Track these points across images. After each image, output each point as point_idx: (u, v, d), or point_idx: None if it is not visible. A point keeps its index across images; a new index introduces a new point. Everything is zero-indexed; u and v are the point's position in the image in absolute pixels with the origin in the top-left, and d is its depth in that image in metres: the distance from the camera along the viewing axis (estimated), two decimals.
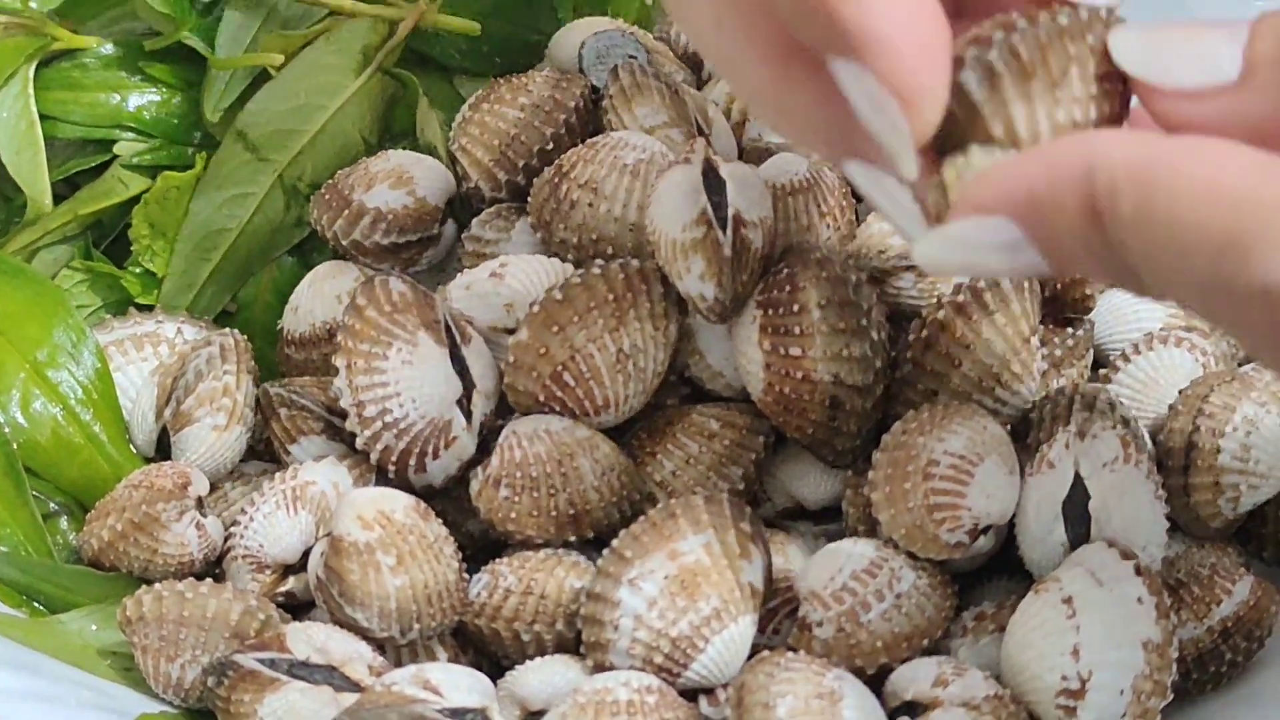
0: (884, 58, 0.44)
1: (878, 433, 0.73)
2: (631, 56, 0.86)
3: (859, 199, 0.81)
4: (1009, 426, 0.74)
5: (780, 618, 0.71)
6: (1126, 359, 0.79)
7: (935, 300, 0.74)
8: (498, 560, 0.74)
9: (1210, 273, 0.41)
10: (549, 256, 0.79)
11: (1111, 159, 0.42)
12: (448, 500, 0.76)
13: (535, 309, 0.73)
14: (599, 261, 0.74)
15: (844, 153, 0.50)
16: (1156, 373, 0.77)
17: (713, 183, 0.73)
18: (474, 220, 0.83)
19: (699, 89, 0.88)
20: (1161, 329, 0.79)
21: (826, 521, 0.76)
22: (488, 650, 0.73)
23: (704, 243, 0.71)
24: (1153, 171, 0.41)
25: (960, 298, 0.73)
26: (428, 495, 0.75)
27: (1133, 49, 0.46)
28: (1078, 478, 0.69)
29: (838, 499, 0.75)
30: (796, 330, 0.72)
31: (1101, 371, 0.79)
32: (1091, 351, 0.79)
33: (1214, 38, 0.44)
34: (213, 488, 0.78)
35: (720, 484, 0.75)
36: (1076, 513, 0.69)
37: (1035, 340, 0.74)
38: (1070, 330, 0.78)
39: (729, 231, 0.72)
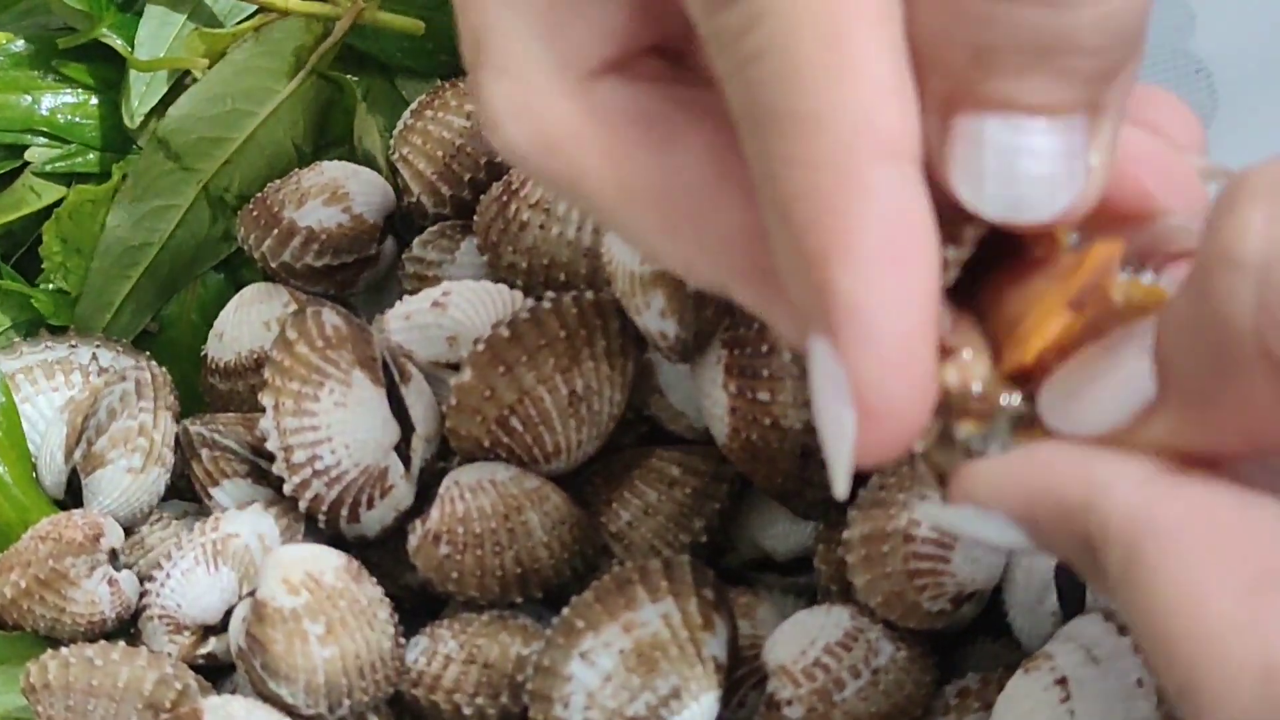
0: (861, 353, 0.36)
1: (852, 481, 0.67)
2: None
3: None
4: None
5: (747, 688, 0.66)
6: None
7: None
8: (438, 622, 0.68)
9: (1174, 693, 0.34)
10: (497, 281, 0.72)
11: (1109, 505, 0.35)
12: (384, 550, 0.70)
13: (480, 347, 0.67)
14: (550, 294, 0.68)
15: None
16: None
17: None
18: (415, 240, 0.76)
19: None
20: None
21: (796, 574, 0.71)
22: None
23: (664, 276, 0.65)
24: (1142, 544, 0.34)
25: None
26: (362, 545, 0.69)
27: (1052, 408, 0.38)
28: None
29: (808, 550, 0.70)
30: (765, 373, 0.66)
31: None
32: None
33: (1119, 366, 0.37)
34: (128, 533, 0.72)
35: (681, 536, 0.69)
36: (1069, 580, 0.64)
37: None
38: None
39: None
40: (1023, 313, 0.39)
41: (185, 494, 0.74)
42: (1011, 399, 0.39)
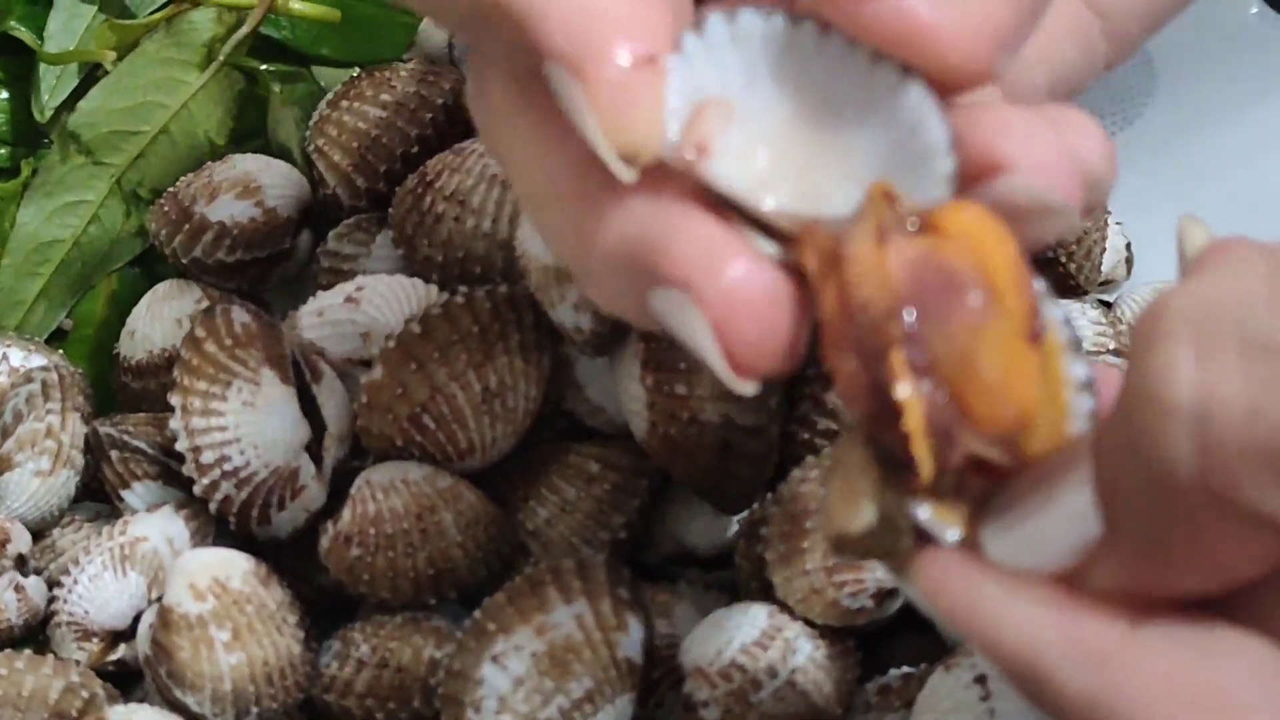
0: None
1: (774, 474, 0.66)
2: None
3: None
4: None
5: (665, 689, 0.64)
6: None
7: None
8: (350, 625, 0.66)
9: None
10: (413, 276, 0.71)
11: (1067, 680, 0.35)
12: (298, 552, 0.68)
13: (391, 344, 0.66)
14: (463, 289, 0.67)
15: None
16: None
17: None
18: (330, 233, 0.75)
19: None
20: (1091, 349, 0.72)
21: (719, 569, 0.69)
22: None
23: None
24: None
25: None
26: (275, 547, 0.67)
27: (995, 540, 0.37)
28: None
29: (731, 546, 0.68)
30: (682, 366, 0.64)
31: None
32: None
33: (1059, 502, 0.36)
34: (38, 536, 0.70)
35: (600, 533, 0.67)
36: None
37: None
38: None
39: None
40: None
41: (99, 495, 0.72)
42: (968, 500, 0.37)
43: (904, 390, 0.35)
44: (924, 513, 0.37)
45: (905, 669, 0.64)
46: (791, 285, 0.38)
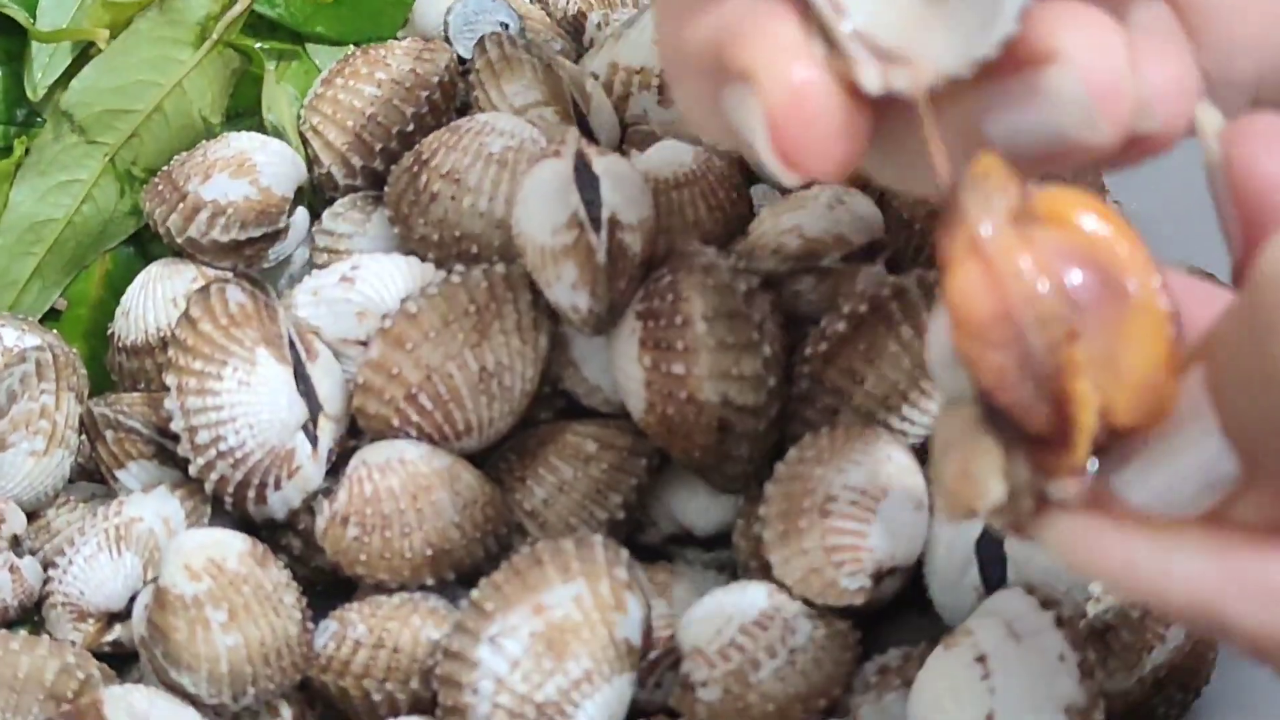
0: None
1: (774, 453, 0.66)
2: (502, 24, 0.78)
3: (753, 184, 0.73)
4: (919, 445, 0.67)
5: (663, 670, 0.64)
6: None
7: (836, 310, 0.66)
8: (347, 605, 0.66)
9: None
10: (408, 254, 0.70)
11: (1247, 629, 0.35)
12: (295, 532, 0.68)
13: (387, 323, 0.65)
14: (459, 267, 0.66)
15: None
16: None
17: (585, 179, 0.65)
18: (325, 212, 0.74)
19: (578, 59, 0.79)
20: None
21: (719, 548, 0.69)
22: (337, 707, 0.65)
23: (575, 248, 0.64)
24: None
25: (863, 308, 0.65)
26: (272, 528, 0.67)
27: (1130, 485, 0.37)
28: None
29: (730, 525, 0.68)
30: (680, 345, 0.64)
31: None
32: None
33: (1190, 447, 0.36)
34: (33, 516, 0.70)
35: (598, 513, 0.67)
36: (992, 553, 0.62)
37: None
38: None
39: (603, 235, 0.64)
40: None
41: (95, 475, 0.72)
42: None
43: (1083, 390, 0.36)
44: (1059, 489, 0.37)
45: (905, 648, 0.64)
46: (850, 105, 0.40)
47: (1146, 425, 0.37)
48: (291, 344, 0.66)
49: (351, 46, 0.78)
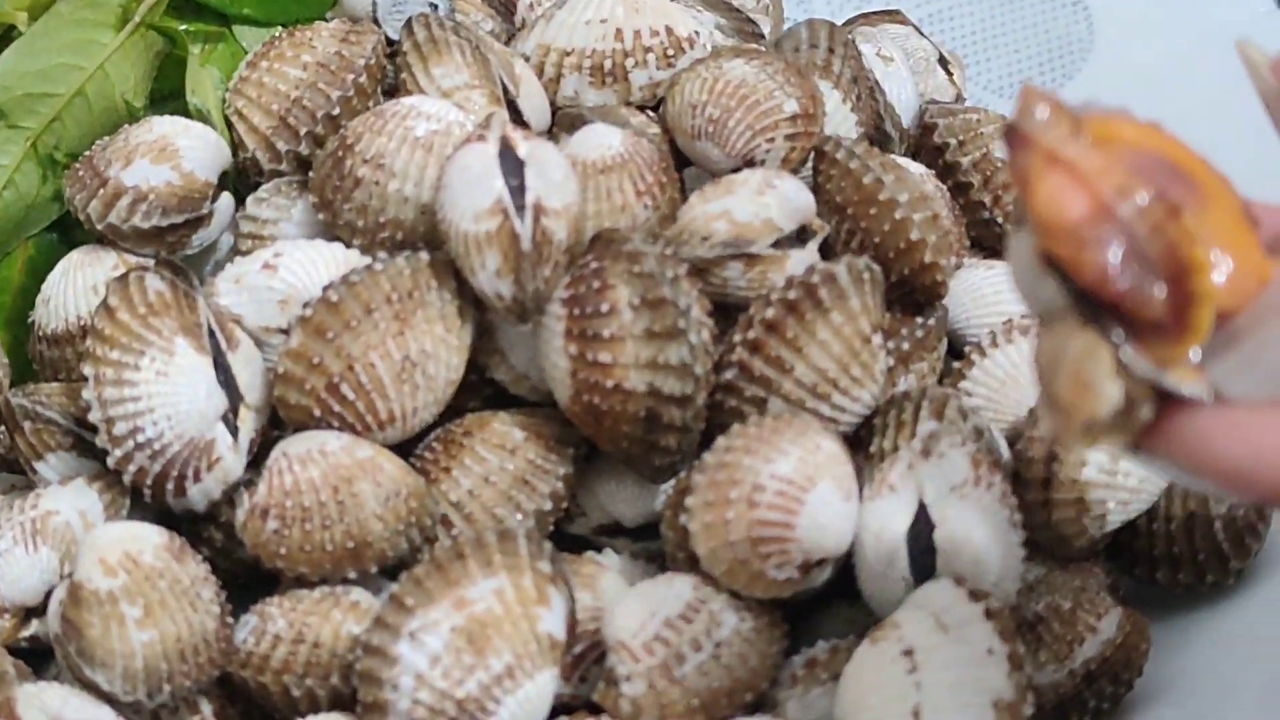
0: None
1: (704, 442, 0.64)
2: (432, 5, 0.76)
3: (685, 168, 0.72)
4: (851, 433, 0.66)
5: (588, 664, 0.63)
6: (983, 352, 0.70)
7: (765, 296, 0.65)
8: (268, 600, 0.65)
9: None
10: (333, 240, 0.69)
11: None
12: (216, 525, 0.67)
13: (307, 312, 0.64)
14: (382, 255, 0.65)
15: None
16: (1016, 369, 0.69)
17: (510, 164, 0.63)
18: (249, 197, 0.73)
19: (510, 40, 0.77)
20: (1024, 315, 0.70)
21: (649, 538, 0.68)
22: (258, 703, 0.64)
23: (499, 235, 0.63)
24: None
25: (792, 294, 0.64)
26: (194, 520, 0.66)
27: (1232, 378, 0.37)
28: (922, 504, 0.61)
29: (660, 515, 0.67)
30: (606, 334, 0.63)
31: (956, 365, 0.71)
32: (945, 341, 0.71)
33: None
34: None
35: (524, 503, 0.66)
36: (921, 544, 0.61)
37: (878, 339, 0.65)
38: (920, 319, 0.70)
39: (527, 222, 0.63)
40: None
41: (14, 467, 0.71)
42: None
43: (1201, 255, 0.36)
44: (1171, 378, 0.36)
45: (834, 641, 0.63)
46: None
47: (1242, 308, 0.37)
48: (212, 333, 0.65)
49: (280, 28, 0.76)
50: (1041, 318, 0.38)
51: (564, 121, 0.73)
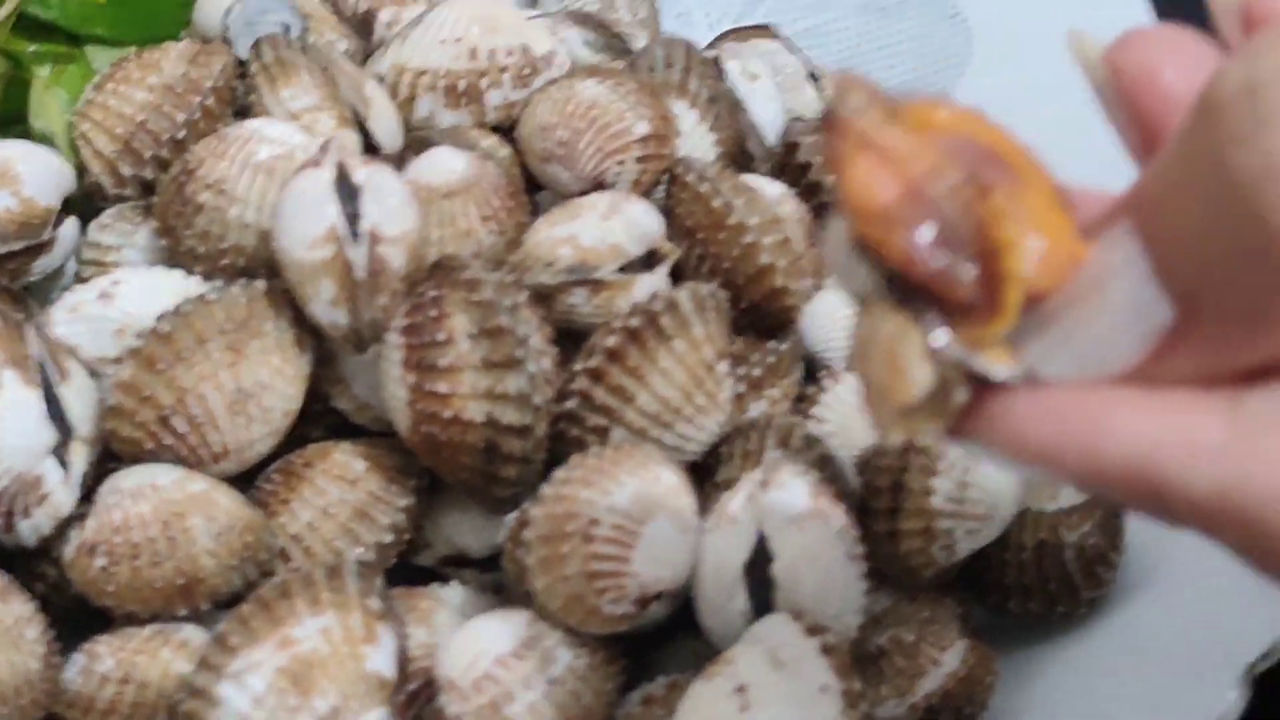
0: None
1: (546, 472, 0.63)
2: (284, 24, 0.75)
3: (538, 191, 0.71)
4: (700, 461, 0.65)
5: (422, 701, 0.62)
6: (835, 378, 0.69)
7: (607, 324, 0.63)
8: (97, 638, 0.63)
9: None
10: (175, 268, 0.68)
11: (1188, 486, 0.33)
12: (48, 561, 0.65)
13: (139, 343, 0.63)
14: (216, 283, 0.64)
15: None
16: None
17: (346, 190, 0.62)
18: (92, 223, 0.71)
19: (367, 59, 0.76)
20: None
21: (496, 569, 0.66)
22: None
23: (333, 263, 0.61)
24: (1258, 508, 0.33)
25: (633, 322, 0.63)
26: (26, 556, 0.65)
27: (1048, 358, 0.36)
28: (762, 536, 0.60)
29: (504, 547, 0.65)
30: (443, 364, 0.62)
31: (810, 390, 0.70)
32: (800, 366, 0.70)
33: (1116, 297, 0.35)
34: None
35: (364, 536, 0.65)
36: (760, 577, 0.60)
37: (723, 366, 0.64)
38: (773, 344, 0.69)
39: (363, 249, 0.61)
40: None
41: None
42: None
43: (1010, 234, 0.35)
44: (982, 360, 0.36)
45: (672, 676, 0.62)
46: None
47: (1055, 290, 0.36)
48: (43, 364, 0.63)
49: (132, 50, 0.75)
50: (858, 303, 0.37)
51: (413, 144, 0.72)
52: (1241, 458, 0.33)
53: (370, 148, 0.70)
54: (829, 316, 0.71)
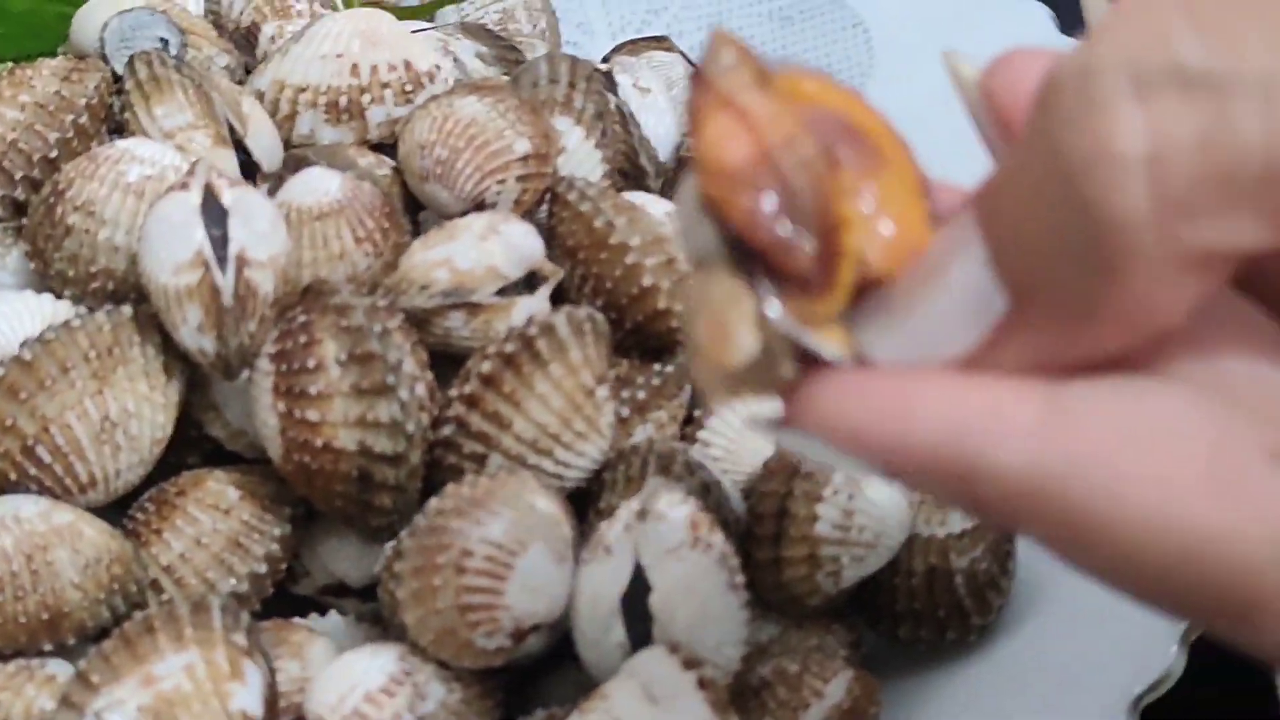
0: None
1: (424, 498, 0.62)
2: (161, 40, 0.73)
3: (420, 211, 0.70)
4: (584, 487, 0.63)
5: None
6: None
7: (482, 349, 0.62)
8: None
9: (1212, 624, 0.32)
10: (44, 292, 0.66)
11: (1006, 460, 0.32)
12: None
13: (0, 371, 0.61)
14: (81, 310, 0.63)
15: None
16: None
17: (214, 213, 0.60)
18: None
19: (249, 75, 0.74)
20: None
21: (375, 598, 0.65)
22: None
23: (200, 289, 0.60)
24: (1073, 494, 0.31)
25: (508, 347, 0.61)
26: None
27: (877, 340, 0.35)
28: (639, 566, 0.58)
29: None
30: (313, 391, 0.60)
31: (697, 414, 0.68)
32: (688, 388, 0.68)
33: (951, 283, 0.34)
34: None
35: (238, 566, 0.63)
36: (638, 609, 0.58)
37: (603, 391, 0.63)
38: (658, 366, 0.67)
39: (230, 274, 0.60)
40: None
41: None
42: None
43: (850, 212, 0.35)
44: (811, 337, 0.35)
45: (552, 709, 0.61)
46: None
47: (898, 276, 0.35)
48: None
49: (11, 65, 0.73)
50: (696, 263, 0.36)
51: (289, 163, 0.70)
52: (1055, 437, 0.32)
53: (250, 166, 0.69)
54: None
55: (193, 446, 0.66)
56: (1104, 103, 0.30)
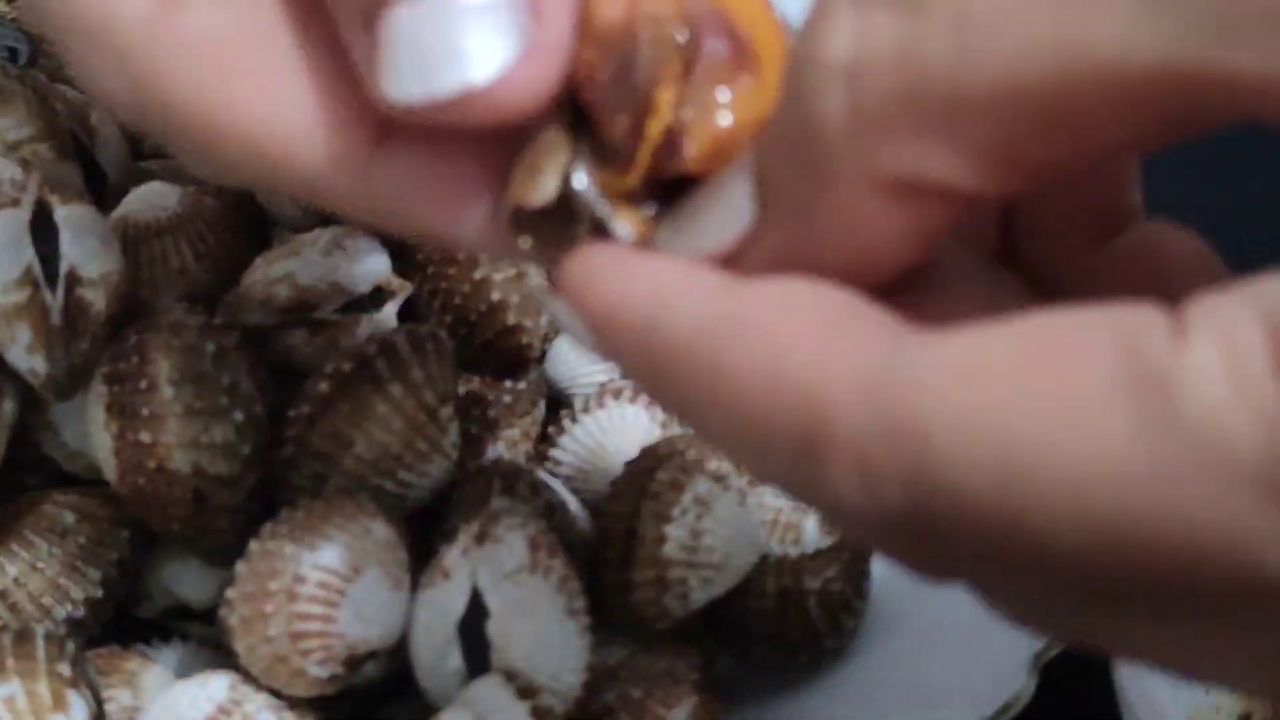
0: None
1: (264, 519, 0.60)
2: (9, 49, 0.71)
3: (260, 226, 0.68)
4: (428, 508, 0.62)
5: None
6: (574, 418, 0.66)
7: (320, 370, 0.60)
8: None
9: (790, 478, 0.31)
10: None
11: (677, 321, 0.32)
12: None
13: None
14: None
15: None
16: (605, 437, 0.65)
17: (45, 230, 0.59)
18: None
19: None
20: (615, 380, 0.67)
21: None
22: None
23: (29, 308, 0.58)
24: (717, 346, 0.31)
25: (346, 366, 0.60)
26: None
27: (666, 243, 0.35)
28: (476, 592, 0.57)
29: None
30: (146, 412, 0.59)
31: (550, 431, 0.67)
32: (542, 405, 0.67)
33: (723, 192, 0.34)
34: None
35: (74, 591, 0.62)
36: (475, 635, 0.57)
37: (447, 410, 0.61)
38: (510, 383, 0.66)
39: (59, 293, 0.58)
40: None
41: None
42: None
43: (663, 99, 0.34)
44: (605, 207, 0.35)
45: None
46: None
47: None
48: None
49: None
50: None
51: (134, 176, 0.68)
52: (734, 297, 0.31)
53: (98, 177, 0.67)
54: (574, 354, 0.68)
55: (33, 468, 0.64)
56: (828, 9, 0.30)
